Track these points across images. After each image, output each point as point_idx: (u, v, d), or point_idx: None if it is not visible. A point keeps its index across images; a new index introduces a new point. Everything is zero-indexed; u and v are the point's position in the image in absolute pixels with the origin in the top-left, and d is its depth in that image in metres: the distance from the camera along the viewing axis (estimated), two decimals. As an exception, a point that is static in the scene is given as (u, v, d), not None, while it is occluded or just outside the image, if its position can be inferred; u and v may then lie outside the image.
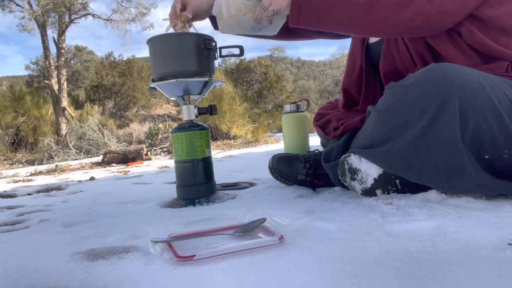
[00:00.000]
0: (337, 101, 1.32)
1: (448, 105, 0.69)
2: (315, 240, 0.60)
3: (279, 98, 15.51)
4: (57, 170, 3.25)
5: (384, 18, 0.81)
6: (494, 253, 0.49)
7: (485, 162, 0.72)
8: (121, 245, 0.67)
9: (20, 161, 5.57)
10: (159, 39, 1.01)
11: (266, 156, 2.69)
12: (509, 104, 0.72)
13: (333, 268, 0.48)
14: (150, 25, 10.44)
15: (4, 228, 0.92)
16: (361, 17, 0.81)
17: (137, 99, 13.17)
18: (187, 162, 1.04)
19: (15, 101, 7.35)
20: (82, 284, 0.50)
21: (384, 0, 0.79)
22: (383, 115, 0.82)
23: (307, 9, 0.82)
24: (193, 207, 0.99)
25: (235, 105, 6.46)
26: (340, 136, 1.05)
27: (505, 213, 0.66)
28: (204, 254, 0.54)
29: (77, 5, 9.22)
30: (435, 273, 0.44)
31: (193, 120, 1.08)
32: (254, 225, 0.67)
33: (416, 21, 0.80)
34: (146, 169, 2.61)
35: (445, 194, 0.80)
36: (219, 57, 1.07)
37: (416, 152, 0.74)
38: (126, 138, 7.10)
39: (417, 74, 0.77)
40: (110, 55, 15.22)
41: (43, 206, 1.24)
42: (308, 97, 22.55)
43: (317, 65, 41.71)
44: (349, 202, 0.86)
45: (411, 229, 0.62)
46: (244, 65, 15.98)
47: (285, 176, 1.15)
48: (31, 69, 17.80)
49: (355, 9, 0.81)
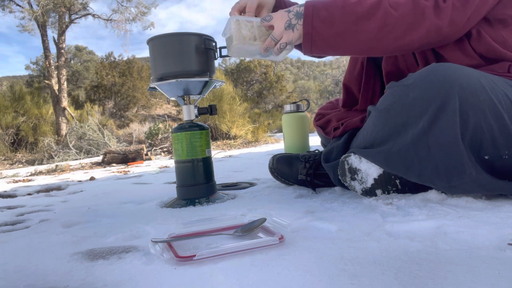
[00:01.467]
0: (337, 101, 1.32)
1: (448, 105, 0.69)
2: (315, 240, 0.60)
3: (279, 98, 15.51)
4: (57, 170, 3.25)
5: (396, 40, 0.80)
6: (494, 253, 0.49)
7: (485, 163, 0.72)
8: (121, 245, 0.67)
9: (20, 161, 5.57)
10: (159, 39, 1.01)
11: (266, 156, 2.69)
12: (509, 104, 0.72)
13: (333, 268, 0.48)
14: (151, 24, 10.44)
15: (4, 228, 0.92)
16: (373, 40, 0.80)
17: (137, 99, 13.17)
18: (187, 162, 1.04)
19: (15, 101, 7.36)
20: (82, 284, 0.50)
21: (395, 22, 0.78)
22: (383, 115, 0.82)
23: (320, 39, 0.82)
24: (193, 207, 0.99)
25: (235, 105, 6.47)
26: (340, 136, 1.05)
27: (505, 213, 0.66)
28: (204, 254, 0.54)
29: (77, 5, 9.22)
30: (435, 273, 0.44)
31: (193, 120, 1.08)
32: (254, 225, 0.67)
33: (428, 38, 0.80)
34: (146, 169, 2.61)
35: (445, 194, 0.80)
36: (219, 57, 1.07)
37: (416, 152, 0.74)
38: (126, 138, 7.10)
39: (417, 74, 0.77)
40: (110, 55, 15.21)
41: (43, 206, 1.24)
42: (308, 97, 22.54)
43: (317, 65, 41.73)
44: (349, 202, 0.86)
45: (411, 229, 0.62)
46: (244, 65, 15.98)
47: (285, 176, 1.15)
48: (31, 69, 17.80)
49: (367, 34, 0.79)
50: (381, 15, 0.78)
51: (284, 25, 0.83)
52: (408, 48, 0.83)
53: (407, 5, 0.77)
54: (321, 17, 0.80)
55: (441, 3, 0.77)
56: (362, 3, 0.79)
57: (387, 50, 0.84)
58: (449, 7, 0.77)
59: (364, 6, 0.79)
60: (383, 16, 0.78)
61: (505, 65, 0.81)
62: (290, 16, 0.83)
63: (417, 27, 0.78)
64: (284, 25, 0.83)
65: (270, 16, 0.85)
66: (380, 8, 0.78)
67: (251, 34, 0.87)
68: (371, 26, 0.79)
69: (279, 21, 0.84)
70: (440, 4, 0.77)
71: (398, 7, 0.78)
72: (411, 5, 0.77)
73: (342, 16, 0.79)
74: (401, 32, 0.79)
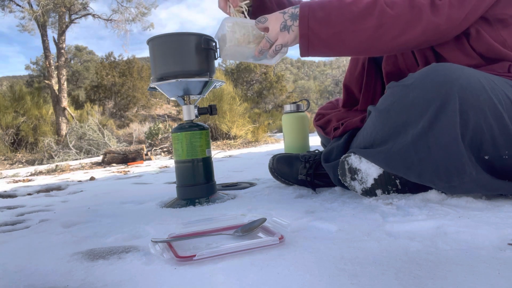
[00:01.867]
0: (337, 101, 1.32)
1: (448, 105, 0.69)
2: (315, 240, 0.60)
3: (279, 98, 15.51)
4: (57, 170, 3.25)
5: (394, 39, 0.80)
6: (494, 253, 0.49)
7: (485, 163, 0.72)
8: (121, 245, 0.67)
9: (20, 161, 5.57)
10: (160, 39, 1.01)
11: (266, 156, 2.69)
12: (509, 104, 0.72)
13: (333, 268, 0.48)
14: (150, 25, 10.44)
15: (4, 228, 0.92)
16: (371, 40, 0.80)
17: (137, 99, 13.17)
18: (187, 162, 1.04)
19: (15, 101, 7.36)
20: (82, 284, 0.50)
21: (392, 21, 0.78)
22: (383, 115, 0.82)
23: (316, 40, 0.81)
24: (193, 207, 0.99)
25: (235, 105, 6.46)
26: (340, 136, 1.05)
27: (505, 213, 0.66)
28: (204, 254, 0.54)
29: (77, 5, 9.23)
30: (435, 273, 0.44)
31: (193, 120, 1.08)
32: (254, 225, 0.67)
33: (426, 36, 0.80)
34: (146, 169, 2.61)
35: (445, 194, 0.80)
36: (219, 57, 1.07)
37: (416, 152, 0.74)
38: (126, 138, 7.10)
39: (417, 74, 0.77)
40: (110, 55, 15.22)
41: (43, 206, 1.24)
42: (308, 97, 22.54)
43: (317, 65, 41.74)
44: (349, 202, 0.86)
45: (411, 229, 0.62)
46: (244, 65, 15.98)
47: (285, 176, 1.15)
48: (31, 69, 17.80)
49: (364, 34, 0.79)
50: (377, 14, 0.78)
51: (280, 27, 0.82)
52: (406, 46, 0.83)
53: (403, 3, 0.77)
54: (317, 17, 0.80)
55: (437, 1, 0.77)
56: (358, 3, 0.79)
57: (385, 49, 0.84)
58: (445, 4, 0.77)
59: (360, 5, 0.79)
60: (379, 15, 0.78)
61: (505, 65, 0.81)
62: (286, 17, 0.82)
63: (414, 25, 0.78)
64: (279, 26, 0.82)
65: (265, 18, 0.85)
66: (376, 7, 0.78)
67: (245, 36, 0.86)
68: (367, 25, 0.78)
69: (274, 23, 0.83)
70: (436, 1, 0.77)
71: (394, 6, 0.78)
72: (407, 3, 0.77)
73: (338, 16, 0.79)
74: (398, 31, 0.79)
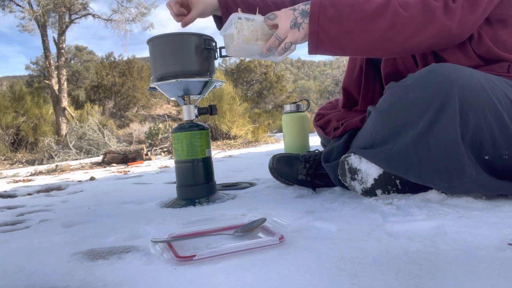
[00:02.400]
0: (337, 101, 1.32)
1: (448, 105, 0.69)
2: (315, 240, 0.60)
3: (279, 98, 15.52)
4: (57, 170, 3.25)
5: (406, 40, 0.78)
6: (494, 253, 0.49)
7: (485, 163, 0.72)
8: (121, 245, 0.67)
9: (20, 161, 5.57)
10: (160, 39, 1.01)
11: (266, 156, 2.69)
12: (509, 104, 0.72)
13: (333, 268, 0.48)
14: (150, 25, 10.45)
15: (4, 228, 0.92)
16: (382, 40, 0.79)
17: (137, 99, 13.18)
18: (187, 162, 1.04)
19: (15, 101, 7.36)
20: (82, 284, 0.50)
21: (404, 22, 0.76)
22: (383, 115, 0.82)
23: (326, 38, 0.79)
24: (193, 207, 0.99)
25: (235, 105, 6.46)
26: (340, 136, 1.05)
27: (505, 213, 0.66)
28: (204, 254, 0.54)
29: (77, 5, 9.23)
30: (435, 273, 0.44)
31: (193, 120, 1.08)
32: (254, 225, 0.67)
33: (437, 39, 0.78)
34: (146, 169, 2.61)
35: (445, 194, 0.80)
36: (219, 57, 1.07)
37: (416, 152, 0.74)
38: (126, 138, 7.10)
39: (417, 74, 0.77)
40: (110, 55, 15.21)
41: (43, 206, 1.24)
42: (308, 97, 22.54)
43: (317, 65, 41.75)
44: (349, 202, 0.86)
45: (411, 229, 0.62)
46: (244, 65, 15.98)
47: (285, 176, 1.15)
48: (31, 69, 17.80)
49: (375, 34, 0.78)
50: (390, 14, 0.76)
51: (290, 24, 0.81)
52: (417, 48, 0.82)
53: (416, 5, 0.76)
54: (328, 15, 0.78)
55: (451, 4, 0.76)
56: (371, 2, 0.77)
57: (395, 51, 0.83)
58: (458, 8, 0.76)
59: (372, 5, 0.77)
60: (392, 16, 0.76)
61: (504, 65, 0.81)
62: (296, 14, 0.81)
63: (427, 27, 0.77)
64: (289, 24, 0.81)
65: (274, 15, 0.83)
66: (389, 7, 0.76)
67: (254, 33, 0.85)
68: (379, 26, 0.77)
69: (284, 20, 0.81)
70: (449, 4, 0.76)
71: (408, 7, 0.76)
72: (420, 5, 0.76)
73: (350, 14, 0.78)
74: (410, 32, 0.77)
